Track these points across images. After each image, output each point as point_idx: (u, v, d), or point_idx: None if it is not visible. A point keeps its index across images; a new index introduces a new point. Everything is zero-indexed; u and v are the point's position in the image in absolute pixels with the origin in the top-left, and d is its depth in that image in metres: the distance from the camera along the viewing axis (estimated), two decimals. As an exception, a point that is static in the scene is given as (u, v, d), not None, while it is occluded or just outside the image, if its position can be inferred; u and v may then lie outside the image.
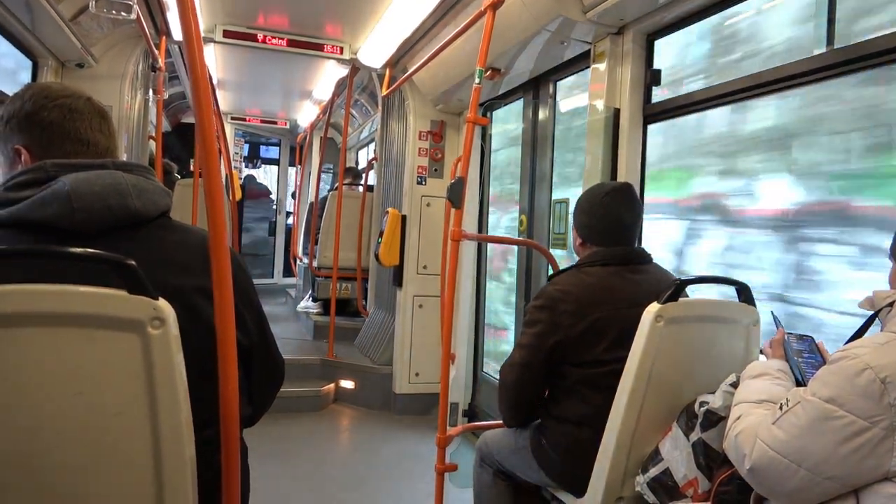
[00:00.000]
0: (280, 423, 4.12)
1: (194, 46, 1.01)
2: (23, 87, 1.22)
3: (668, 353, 1.68)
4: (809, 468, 1.09)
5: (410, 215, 4.54)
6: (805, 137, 2.24)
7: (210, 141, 1.04)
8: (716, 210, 2.65)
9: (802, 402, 1.12)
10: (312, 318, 5.93)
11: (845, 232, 2.08)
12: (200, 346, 1.07)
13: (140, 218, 1.13)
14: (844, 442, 1.05)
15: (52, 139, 1.17)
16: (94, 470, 1.02)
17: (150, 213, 1.15)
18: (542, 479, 1.96)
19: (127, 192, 1.11)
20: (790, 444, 1.11)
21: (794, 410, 1.13)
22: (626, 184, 2.02)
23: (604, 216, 1.94)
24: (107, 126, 1.23)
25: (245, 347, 1.25)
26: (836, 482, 1.08)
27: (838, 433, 1.06)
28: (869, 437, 1.03)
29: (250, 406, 1.35)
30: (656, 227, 2.83)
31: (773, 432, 1.15)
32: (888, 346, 1.06)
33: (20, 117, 1.17)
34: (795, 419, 1.12)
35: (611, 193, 1.95)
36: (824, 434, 1.07)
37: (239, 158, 9.11)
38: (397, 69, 4.52)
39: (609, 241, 1.94)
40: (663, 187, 2.87)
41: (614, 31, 2.71)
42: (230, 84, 6.52)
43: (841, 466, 1.06)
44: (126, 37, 3.80)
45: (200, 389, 1.07)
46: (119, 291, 1.00)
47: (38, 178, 1.10)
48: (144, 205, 1.13)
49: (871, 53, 1.79)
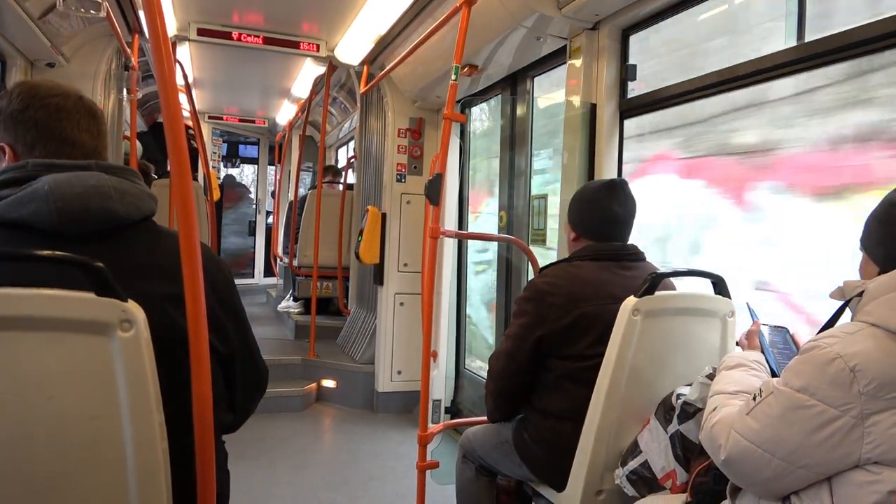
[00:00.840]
0: (261, 424, 4.09)
1: (160, 45, 1.00)
2: (13, 85, 1.20)
3: (646, 347, 1.69)
4: (783, 457, 1.10)
5: (390, 213, 4.53)
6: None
7: (179, 140, 1.02)
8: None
9: (775, 392, 1.13)
10: (293, 318, 5.90)
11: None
12: (182, 355, 1.05)
13: (122, 221, 1.11)
14: (816, 431, 1.06)
15: (38, 139, 1.14)
16: (67, 475, 1.01)
17: (133, 216, 1.13)
18: (525, 473, 1.97)
19: (108, 195, 1.08)
20: (763, 434, 1.12)
21: (767, 401, 1.14)
22: (619, 179, 2.04)
23: (596, 211, 1.95)
24: (96, 126, 1.20)
25: (225, 356, 1.23)
26: (809, 471, 1.09)
27: (810, 422, 1.07)
28: (840, 426, 1.05)
29: (231, 413, 1.33)
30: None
31: (747, 423, 1.16)
32: (858, 335, 1.08)
33: (6, 115, 1.15)
34: (768, 409, 1.13)
35: (604, 189, 1.97)
36: (796, 423, 1.08)
37: (217, 158, 9.02)
38: (375, 66, 4.50)
39: (601, 237, 1.95)
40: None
41: (590, 27, 2.72)
42: (206, 83, 6.45)
43: (813, 455, 1.07)
44: (97, 35, 3.74)
45: (179, 398, 1.05)
46: (87, 294, 0.98)
47: (18, 176, 1.08)
48: (126, 208, 1.11)
49: (841, 47, 1.82)
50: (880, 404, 1.03)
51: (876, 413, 1.03)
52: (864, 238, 1.25)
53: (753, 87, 2.18)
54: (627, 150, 2.76)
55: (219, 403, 1.23)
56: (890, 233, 1.17)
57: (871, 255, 1.22)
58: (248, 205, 9.42)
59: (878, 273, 1.17)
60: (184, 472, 1.07)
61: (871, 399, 1.03)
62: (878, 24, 1.72)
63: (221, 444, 1.34)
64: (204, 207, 5.61)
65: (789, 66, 2.00)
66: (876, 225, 1.21)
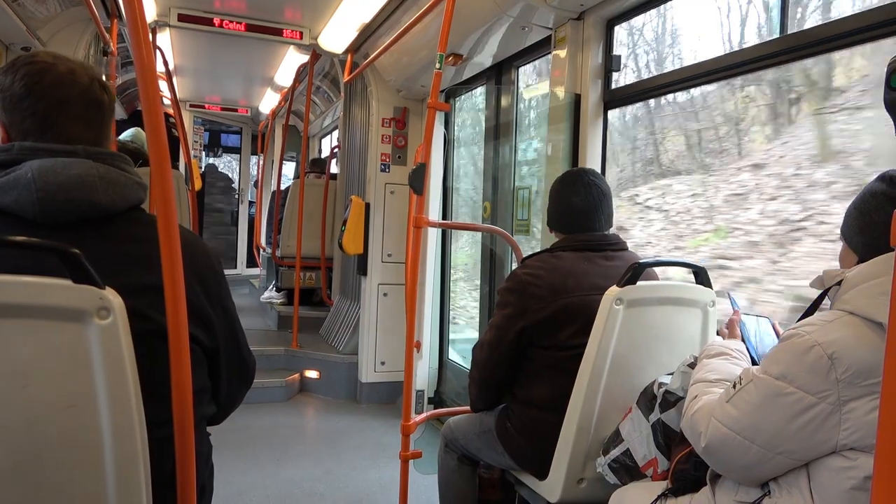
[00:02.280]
0: (244, 415, 4.06)
1: (139, 30, 0.97)
2: (20, 59, 1.12)
3: (628, 336, 1.70)
4: (762, 444, 1.12)
5: (374, 203, 4.51)
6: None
7: (158, 128, 1.00)
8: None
9: (755, 379, 1.15)
10: (276, 309, 5.87)
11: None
12: (165, 347, 1.03)
13: (107, 211, 1.08)
14: (795, 417, 1.08)
15: (32, 129, 1.10)
16: (43, 465, 0.99)
17: (119, 206, 1.10)
18: (507, 462, 1.97)
19: (93, 185, 1.06)
20: (743, 422, 1.14)
21: (746, 388, 1.15)
22: (579, 169, 2.04)
23: (557, 203, 1.98)
24: (99, 116, 1.16)
25: (210, 349, 1.21)
26: (788, 457, 1.11)
27: (789, 409, 1.08)
28: (817, 412, 1.06)
29: (213, 405, 1.31)
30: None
31: (727, 410, 1.17)
32: (835, 322, 1.09)
33: (5, 95, 1.10)
34: (748, 397, 1.14)
35: (563, 181, 1.99)
36: (776, 410, 1.10)
37: (199, 147, 8.91)
38: (359, 55, 4.47)
39: (567, 228, 1.96)
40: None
41: (574, 17, 2.71)
42: (188, 70, 6.36)
43: (792, 441, 1.09)
44: (75, 19, 3.66)
45: (160, 391, 1.04)
46: (63, 281, 0.96)
47: (3, 160, 1.06)
48: (112, 198, 1.08)
49: (820, 40, 1.84)
50: (857, 391, 1.04)
51: (853, 400, 1.05)
52: (844, 227, 1.26)
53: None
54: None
55: (202, 395, 1.22)
56: (868, 222, 1.19)
57: (851, 244, 1.24)
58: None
59: (856, 262, 1.19)
60: (165, 462, 1.06)
61: (848, 386, 1.04)
62: (857, 17, 1.74)
63: (206, 436, 1.33)
64: (185, 197, 5.55)
65: (772, 57, 2.01)
66: (855, 214, 1.23)
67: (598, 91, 2.71)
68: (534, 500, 1.93)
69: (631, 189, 3.30)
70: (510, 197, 3.58)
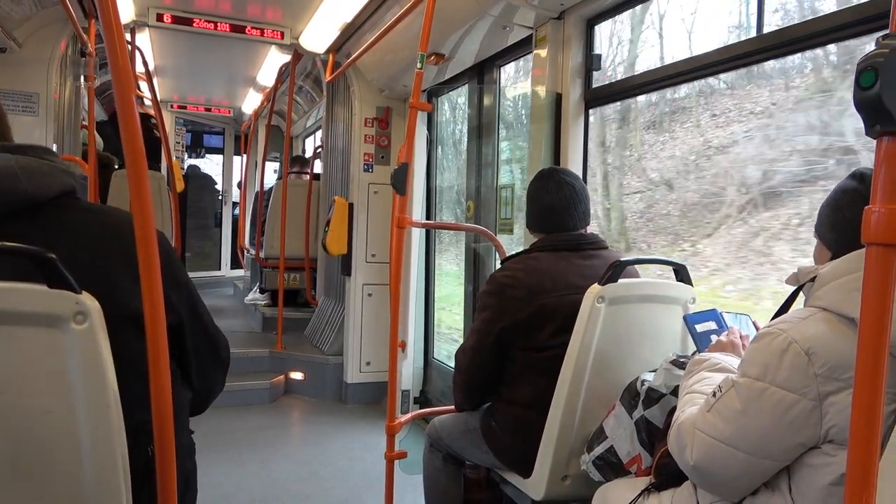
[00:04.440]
0: (229, 418, 4.04)
1: (113, 28, 0.97)
2: None
3: (610, 333, 1.72)
4: (747, 450, 1.11)
5: (357, 203, 4.50)
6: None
7: (133, 127, 0.99)
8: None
9: (735, 385, 1.14)
10: (261, 310, 5.83)
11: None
12: (113, 327, 1.02)
13: (34, 200, 1.07)
14: (779, 417, 1.07)
15: None
16: (20, 472, 0.98)
17: (45, 194, 1.09)
18: (491, 460, 1.98)
19: (14, 175, 1.05)
20: (727, 430, 1.12)
21: (728, 395, 1.14)
22: (549, 168, 2.05)
23: (531, 203, 1.99)
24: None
25: (172, 326, 1.19)
26: (774, 461, 1.10)
27: (772, 409, 1.08)
28: (800, 410, 1.06)
29: (189, 390, 1.30)
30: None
31: (709, 419, 1.16)
32: (809, 320, 1.10)
33: None
34: (730, 403, 1.13)
35: (536, 181, 2.00)
36: (760, 413, 1.09)
37: (181, 148, 8.83)
38: (341, 54, 4.45)
39: (543, 228, 1.97)
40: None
41: (555, 16, 2.72)
42: (169, 70, 6.30)
43: (778, 444, 1.09)
44: (52, 20, 3.61)
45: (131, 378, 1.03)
46: (38, 286, 0.95)
47: None
48: (36, 187, 1.08)
49: (796, 38, 1.86)
50: (835, 385, 1.05)
51: (832, 394, 1.06)
52: (818, 225, 1.28)
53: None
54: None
55: (175, 381, 1.20)
56: (840, 218, 1.21)
57: (824, 241, 1.25)
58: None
59: (830, 258, 1.20)
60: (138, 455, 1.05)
61: (826, 380, 1.05)
62: (832, 15, 1.77)
63: (188, 434, 1.31)
64: (167, 198, 5.50)
65: (751, 56, 2.03)
66: (828, 211, 1.25)
67: (578, 90, 2.72)
68: (519, 498, 1.94)
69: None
70: (493, 196, 3.59)
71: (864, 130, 0.74)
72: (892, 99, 0.70)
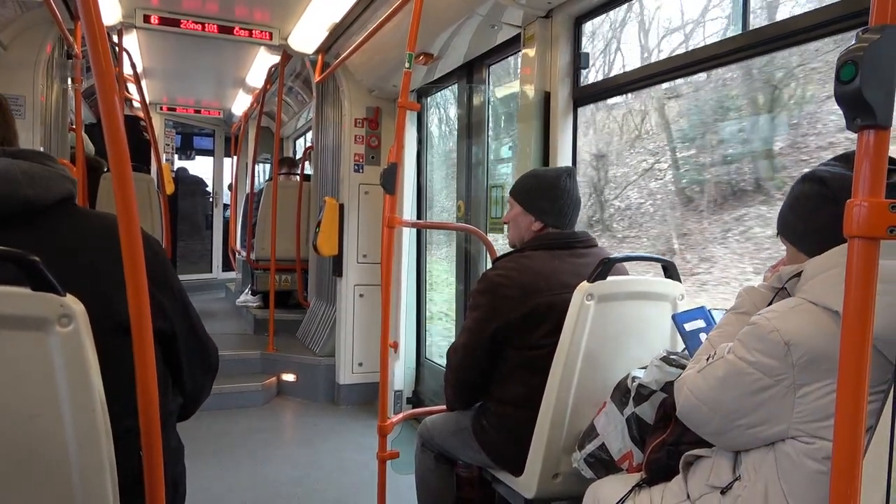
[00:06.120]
0: (221, 420, 4.03)
1: (95, 30, 0.96)
2: None
3: (600, 331, 1.72)
4: (722, 416, 1.20)
5: (348, 204, 4.49)
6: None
7: (116, 128, 0.98)
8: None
9: (724, 357, 1.21)
10: (252, 312, 5.81)
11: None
12: (108, 335, 1.02)
13: (35, 206, 1.07)
14: (751, 395, 1.15)
15: None
16: (6, 476, 0.97)
17: (46, 199, 1.09)
18: (483, 459, 1.98)
19: (16, 180, 1.05)
20: (708, 394, 1.22)
21: (716, 364, 1.23)
22: (573, 168, 2.08)
23: (558, 197, 1.97)
24: (1, 116, 1.18)
25: (166, 334, 1.20)
26: (745, 428, 1.18)
27: (747, 388, 1.16)
28: (773, 394, 1.13)
29: (179, 396, 1.30)
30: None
31: (697, 381, 1.25)
32: (795, 310, 1.14)
33: None
34: (715, 372, 1.22)
35: (564, 175, 2.01)
36: (735, 388, 1.18)
37: (171, 150, 8.79)
38: (329, 55, 4.44)
39: (561, 222, 1.98)
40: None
41: (543, 15, 2.73)
42: (157, 72, 6.26)
43: (748, 416, 1.17)
44: (37, 21, 3.59)
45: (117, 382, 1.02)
46: (22, 289, 0.94)
47: None
48: (37, 192, 1.07)
49: (781, 35, 1.87)
50: (811, 376, 1.09)
51: (806, 385, 1.10)
52: (786, 231, 1.32)
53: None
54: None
55: (160, 387, 1.20)
56: (815, 226, 1.23)
57: (799, 247, 1.28)
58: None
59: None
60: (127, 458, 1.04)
61: (803, 371, 1.09)
62: (817, 12, 1.78)
63: (176, 436, 1.31)
64: (157, 201, 5.46)
65: (737, 52, 2.04)
66: (795, 219, 1.28)
67: (567, 88, 2.72)
68: (511, 496, 1.94)
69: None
70: (484, 195, 3.59)
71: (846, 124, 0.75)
72: (872, 92, 0.71)
